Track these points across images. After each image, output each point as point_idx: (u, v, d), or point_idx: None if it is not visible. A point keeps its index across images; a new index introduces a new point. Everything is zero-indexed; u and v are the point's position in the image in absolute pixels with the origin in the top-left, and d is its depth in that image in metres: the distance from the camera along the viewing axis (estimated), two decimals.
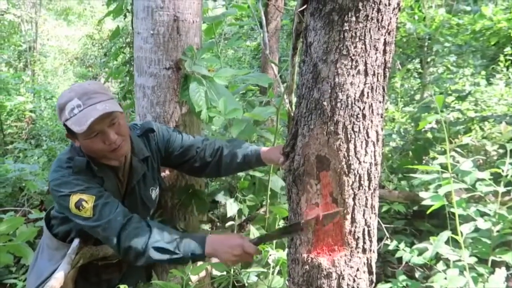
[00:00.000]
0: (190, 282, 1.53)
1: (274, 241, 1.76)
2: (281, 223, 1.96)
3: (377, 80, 1.03)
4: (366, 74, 1.01)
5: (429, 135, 3.24)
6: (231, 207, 1.96)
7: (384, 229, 2.14)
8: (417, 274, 2.58)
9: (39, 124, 6.94)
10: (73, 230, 1.55)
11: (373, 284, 1.13)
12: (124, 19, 3.40)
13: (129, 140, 1.50)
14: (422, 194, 1.59)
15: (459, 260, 1.46)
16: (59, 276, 1.39)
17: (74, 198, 1.36)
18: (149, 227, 1.38)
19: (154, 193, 1.69)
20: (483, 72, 4.63)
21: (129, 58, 3.51)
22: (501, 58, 4.39)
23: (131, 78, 3.40)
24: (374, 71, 1.02)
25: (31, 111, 7.07)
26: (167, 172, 1.98)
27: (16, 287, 2.45)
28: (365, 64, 1.00)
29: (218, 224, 2.69)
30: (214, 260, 1.79)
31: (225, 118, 1.79)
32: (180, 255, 1.36)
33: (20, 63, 11.19)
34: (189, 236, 1.41)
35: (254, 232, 1.91)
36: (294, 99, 1.45)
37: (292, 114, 1.44)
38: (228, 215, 1.98)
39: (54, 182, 1.41)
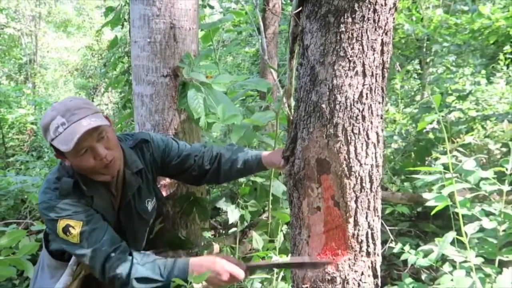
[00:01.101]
0: None
1: (278, 247, 1.74)
2: (284, 228, 1.95)
3: (376, 81, 1.02)
4: (364, 75, 1.00)
5: (430, 135, 3.23)
6: (233, 213, 1.94)
7: (389, 232, 2.12)
8: (423, 276, 2.55)
9: (40, 136, 6.94)
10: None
11: None
12: (122, 28, 3.41)
13: (121, 153, 1.46)
14: (426, 195, 1.57)
15: (466, 261, 1.43)
16: (61, 287, 1.37)
17: (61, 224, 1.33)
18: (132, 258, 1.36)
19: (150, 204, 1.64)
20: (483, 71, 4.61)
21: (128, 67, 3.51)
22: (501, 56, 4.38)
23: (130, 87, 3.41)
24: (372, 72, 1.01)
25: (32, 123, 7.09)
26: (167, 180, 1.97)
27: None
28: (363, 65, 0.99)
29: (221, 231, 2.67)
30: None
31: (224, 125, 1.78)
32: (164, 281, 1.33)
33: (20, 76, 11.26)
34: (172, 261, 1.38)
35: (257, 238, 1.90)
36: (293, 103, 1.44)
37: (291, 118, 1.43)
38: (230, 222, 1.96)
39: (42, 205, 1.37)
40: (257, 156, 1.61)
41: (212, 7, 5.25)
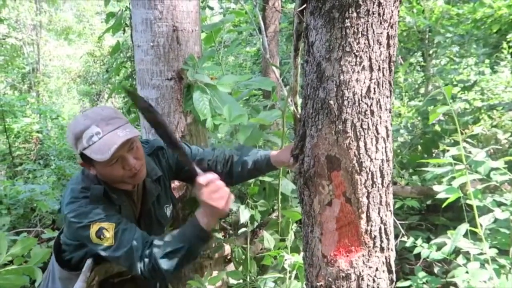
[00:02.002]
0: None
1: (289, 245, 1.74)
2: (294, 227, 1.94)
3: (383, 75, 1.01)
4: (371, 69, 0.99)
5: (437, 128, 3.21)
6: (243, 213, 1.94)
7: (399, 226, 2.11)
8: (435, 270, 2.54)
9: (46, 144, 6.99)
10: (88, 254, 1.52)
11: (394, 283, 1.11)
12: (124, 33, 3.42)
13: (145, 163, 1.47)
14: (436, 187, 1.56)
15: (481, 253, 1.42)
16: None
17: (94, 228, 1.32)
18: (151, 245, 1.35)
19: (169, 210, 1.66)
20: (487, 61, 4.58)
21: (131, 72, 3.52)
22: (504, 45, 4.34)
23: None
24: (379, 66, 1.00)
25: (38, 132, 7.14)
26: (176, 183, 1.97)
27: None
28: (370, 59, 0.98)
29: (230, 231, 2.67)
30: (230, 268, 1.78)
31: (230, 125, 1.78)
32: (186, 246, 1.31)
33: (24, 85, 11.33)
34: (182, 228, 1.38)
35: (268, 238, 1.89)
36: (299, 101, 1.43)
37: (298, 116, 1.42)
38: (242, 222, 1.96)
39: (72, 214, 1.36)
40: (266, 156, 1.60)
41: (212, 8, 5.26)
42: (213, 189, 1.30)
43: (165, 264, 1.30)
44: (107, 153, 1.28)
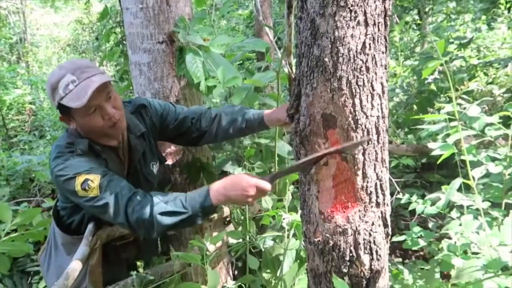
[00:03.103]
0: (207, 252, 1.55)
1: (287, 205, 1.77)
2: (291, 188, 1.97)
3: (378, 30, 0.99)
4: (366, 24, 0.97)
5: (432, 86, 3.19)
6: None
7: (395, 184, 2.14)
8: (430, 225, 2.61)
9: (40, 115, 6.93)
10: (86, 217, 1.55)
11: (389, 237, 1.14)
12: None
13: (124, 114, 1.47)
14: (431, 144, 1.57)
15: (473, 206, 1.46)
16: (79, 257, 1.41)
17: (80, 179, 1.32)
18: (151, 197, 1.33)
19: (155, 167, 1.68)
20: (484, 17, 4.50)
21: (121, 38, 3.43)
22: (501, 0, 4.25)
23: (126, 59, 3.34)
24: (374, 21, 0.98)
25: (30, 103, 7.05)
26: (173, 148, 1.97)
27: (40, 274, 2.51)
28: (365, 14, 0.96)
29: None
30: (230, 229, 1.81)
31: (225, 87, 1.76)
32: (189, 213, 1.27)
33: (12, 56, 11.07)
34: (193, 192, 1.34)
35: (266, 200, 1.92)
36: (293, 61, 1.41)
37: (293, 76, 1.41)
38: None
39: (57, 168, 1.36)
40: (259, 114, 1.60)
41: None
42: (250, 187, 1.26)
43: (162, 220, 1.28)
44: (84, 98, 1.27)
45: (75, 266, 1.35)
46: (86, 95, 1.27)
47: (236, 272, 2.33)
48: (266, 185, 1.26)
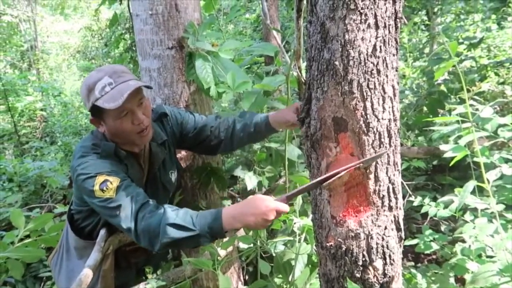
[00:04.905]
0: (218, 257, 1.55)
1: (297, 210, 1.76)
2: None
3: (389, 32, 0.99)
4: (377, 27, 0.97)
5: (442, 88, 3.16)
6: (251, 180, 1.96)
7: (406, 186, 2.12)
8: (442, 228, 2.58)
9: (51, 122, 7.02)
10: (100, 223, 1.55)
11: (402, 241, 1.13)
12: (120, 4, 3.34)
13: (151, 125, 1.49)
14: (443, 146, 1.55)
15: (487, 209, 1.44)
16: (91, 263, 1.41)
17: (99, 179, 1.33)
18: (164, 208, 1.31)
19: (174, 176, 1.70)
20: (494, 16, 4.45)
21: (131, 44, 3.47)
22: None
23: (135, 64, 3.38)
24: (385, 23, 0.97)
25: (41, 110, 7.15)
26: (183, 153, 1.98)
27: (52, 280, 2.53)
28: (375, 16, 0.96)
29: (238, 199, 2.71)
30: (241, 233, 1.81)
31: (234, 92, 1.77)
32: (197, 232, 1.24)
33: (24, 63, 11.24)
34: (205, 212, 1.30)
35: None
36: (303, 64, 1.41)
37: (303, 80, 1.41)
38: (249, 189, 1.98)
39: (80, 166, 1.37)
40: (265, 118, 1.60)
41: None
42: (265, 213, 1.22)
43: (169, 231, 1.25)
44: (120, 100, 1.30)
45: (87, 272, 1.36)
46: (122, 97, 1.31)
47: (247, 277, 2.33)
48: (285, 208, 1.24)
